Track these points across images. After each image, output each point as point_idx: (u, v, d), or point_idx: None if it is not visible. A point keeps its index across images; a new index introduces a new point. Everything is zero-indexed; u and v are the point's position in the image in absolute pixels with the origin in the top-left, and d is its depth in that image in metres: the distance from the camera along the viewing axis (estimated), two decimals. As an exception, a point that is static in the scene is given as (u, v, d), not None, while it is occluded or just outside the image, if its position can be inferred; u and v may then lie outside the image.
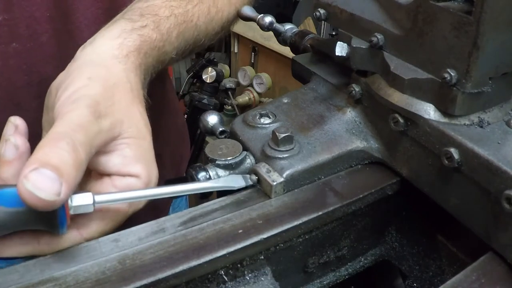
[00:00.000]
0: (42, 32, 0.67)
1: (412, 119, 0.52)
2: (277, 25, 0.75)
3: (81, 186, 0.51)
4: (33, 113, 0.68)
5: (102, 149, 0.49)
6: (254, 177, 0.53)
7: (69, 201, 0.44)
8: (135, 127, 0.51)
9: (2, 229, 0.43)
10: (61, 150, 0.42)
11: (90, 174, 0.52)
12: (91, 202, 0.45)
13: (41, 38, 0.67)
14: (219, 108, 2.56)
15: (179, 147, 1.01)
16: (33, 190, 0.40)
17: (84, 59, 0.55)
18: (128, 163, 0.50)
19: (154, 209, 0.93)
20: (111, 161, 0.50)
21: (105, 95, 0.50)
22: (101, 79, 0.51)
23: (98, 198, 0.45)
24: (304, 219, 0.50)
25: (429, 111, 0.51)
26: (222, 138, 0.60)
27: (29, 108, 0.68)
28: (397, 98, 0.53)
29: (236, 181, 0.53)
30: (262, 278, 0.50)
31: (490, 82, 0.49)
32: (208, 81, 2.45)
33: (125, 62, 0.56)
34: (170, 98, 0.98)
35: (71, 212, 0.44)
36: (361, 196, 0.54)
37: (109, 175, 0.50)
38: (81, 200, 0.45)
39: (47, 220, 0.43)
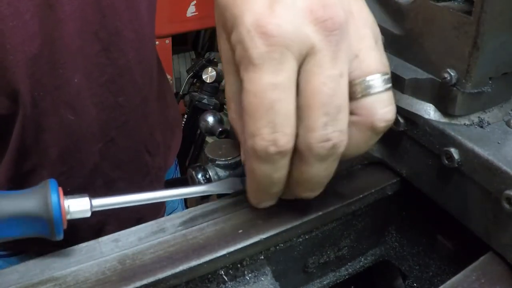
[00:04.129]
0: (24, 11, 0.65)
1: (412, 119, 0.52)
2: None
3: None
4: (29, 96, 0.67)
5: None
6: None
7: (66, 206, 0.44)
8: None
9: None
10: None
11: None
12: (89, 207, 0.45)
13: (24, 16, 0.65)
14: (219, 108, 2.55)
15: (167, 138, 1.00)
16: None
17: None
18: None
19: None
20: None
21: None
22: None
23: (95, 202, 0.45)
24: (304, 219, 0.50)
25: (429, 111, 0.51)
26: (222, 138, 0.60)
27: (26, 90, 0.67)
28: (397, 98, 0.53)
29: (233, 185, 0.53)
30: (262, 278, 0.50)
31: (490, 82, 0.49)
32: (208, 81, 2.45)
33: None
34: (165, 89, 0.97)
35: (68, 217, 0.44)
36: (361, 196, 0.54)
37: None
38: (78, 206, 0.44)
39: (44, 227, 0.43)
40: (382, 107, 0.43)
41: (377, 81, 0.43)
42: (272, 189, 0.47)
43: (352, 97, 0.43)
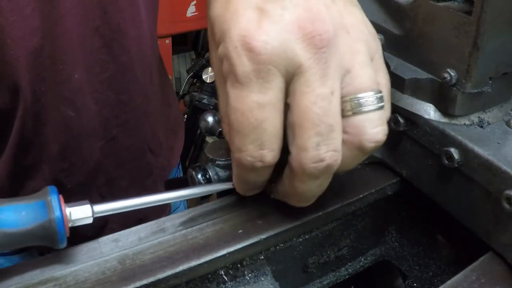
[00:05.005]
0: (25, 5, 0.64)
1: (412, 119, 0.52)
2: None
3: None
4: (30, 90, 0.67)
5: None
6: None
7: (68, 214, 0.43)
8: None
9: (1, 249, 0.43)
10: None
11: None
12: (90, 214, 0.44)
13: (25, 11, 0.65)
14: (219, 108, 2.55)
15: (169, 139, 1.00)
16: None
17: None
18: None
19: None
20: None
21: None
22: None
23: (97, 208, 0.45)
24: (304, 219, 0.50)
25: (429, 111, 0.51)
26: (222, 138, 0.60)
27: (26, 85, 0.67)
28: (397, 98, 0.53)
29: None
30: (262, 278, 0.50)
31: (490, 82, 0.49)
32: (208, 81, 2.45)
33: None
34: (166, 89, 0.97)
35: (70, 225, 0.44)
36: (361, 196, 0.54)
37: None
38: (80, 213, 0.44)
39: (47, 236, 0.43)
40: (372, 127, 0.42)
41: (369, 99, 0.42)
42: (257, 187, 0.50)
43: (341, 114, 0.42)
